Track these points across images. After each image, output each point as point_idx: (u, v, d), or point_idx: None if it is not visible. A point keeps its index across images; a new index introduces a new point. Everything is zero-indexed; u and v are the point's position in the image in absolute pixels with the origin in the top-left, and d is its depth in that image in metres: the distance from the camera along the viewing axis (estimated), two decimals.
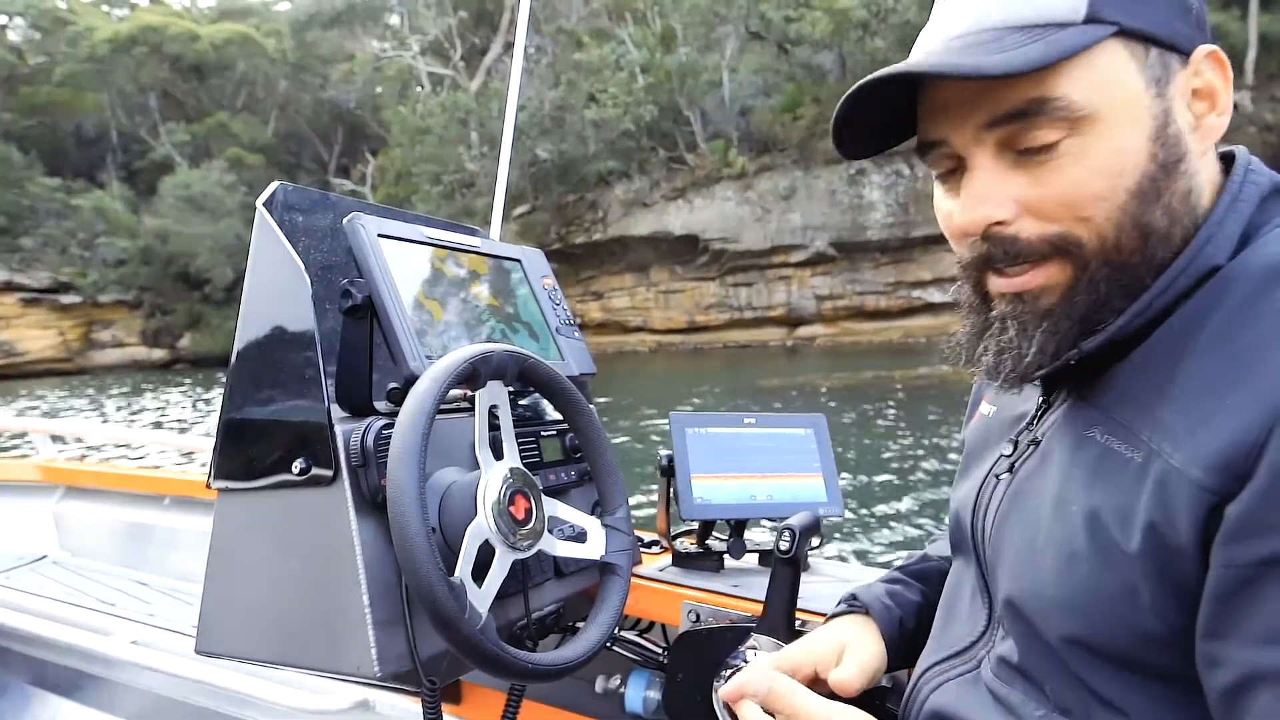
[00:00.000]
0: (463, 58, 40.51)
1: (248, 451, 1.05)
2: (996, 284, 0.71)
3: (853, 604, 1.01)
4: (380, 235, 1.09)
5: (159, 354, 40.12)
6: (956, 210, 0.70)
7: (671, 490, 1.42)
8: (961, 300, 0.76)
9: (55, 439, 3.08)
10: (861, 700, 1.06)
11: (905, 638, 0.99)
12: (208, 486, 1.09)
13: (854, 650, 0.94)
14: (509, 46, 39.16)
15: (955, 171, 0.72)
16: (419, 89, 41.43)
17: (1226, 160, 0.72)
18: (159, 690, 1.89)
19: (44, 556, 2.69)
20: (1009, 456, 0.81)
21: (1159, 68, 0.65)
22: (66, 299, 39.06)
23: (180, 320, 40.60)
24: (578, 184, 34.46)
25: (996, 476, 0.82)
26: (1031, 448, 0.78)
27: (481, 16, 41.08)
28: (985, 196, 0.67)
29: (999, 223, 0.68)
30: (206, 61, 46.07)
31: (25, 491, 2.84)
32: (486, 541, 0.95)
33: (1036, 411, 0.81)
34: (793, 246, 31.53)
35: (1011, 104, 0.65)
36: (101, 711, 2.00)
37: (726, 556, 1.44)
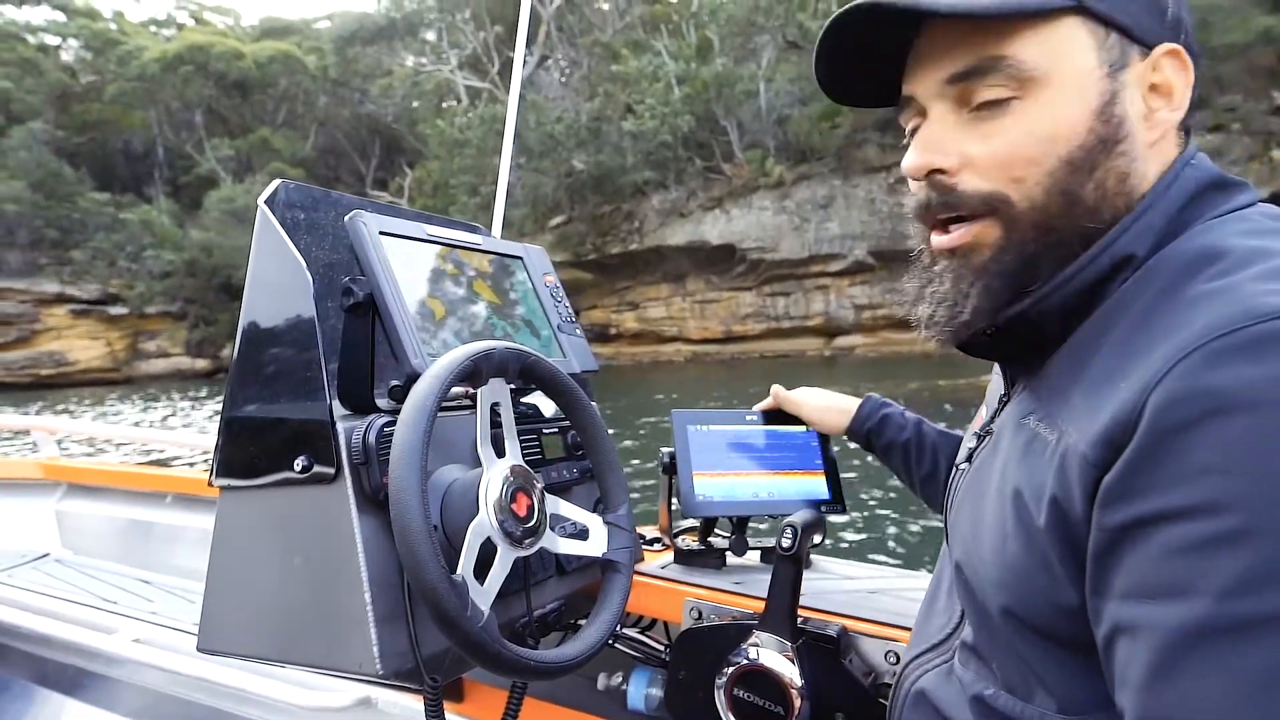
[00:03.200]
0: (499, 71, 40.91)
1: (249, 449, 1.05)
2: (937, 241, 0.76)
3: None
4: (382, 233, 1.09)
5: (202, 364, 40.88)
6: (906, 155, 0.75)
7: (673, 487, 1.42)
8: (914, 259, 0.82)
9: (56, 436, 3.09)
10: (858, 694, 1.07)
11: (872, 427, 1.34)
12: (210, 484, 1.09)
13: None
14: (544, 59, 39.55)
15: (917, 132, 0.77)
16: (456, 102, 41.90)
17: None
18: (161, 688, 1.89)
19: (46, 554, 2.69)
20: (972, 448, 0.85)
21: (1116, 52, 0.69)
22: (114, 310, 40.03)
23: (223, 331, 41.29)
24: (614, 194, 34.53)
25: (958, 467, 0.88)
26: (988, 438, 0.82)
27: (516, 30, 41.45)
28: (933, 143, 0.73)
29: (941, 170, 0.73)
30: (250, 79, 47.14)
31: (27, 489, 2.86)
32: (488, 539, 0.95)
33: (999, 405, 0.84)
34: (831, 256, 31.26)
35: (969, 60, 0.70)
36: (103, 709, 1.99)
37: (728, 554, 1.43)
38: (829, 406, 1.42)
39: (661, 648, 1.35)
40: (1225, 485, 0.52)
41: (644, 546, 1.52)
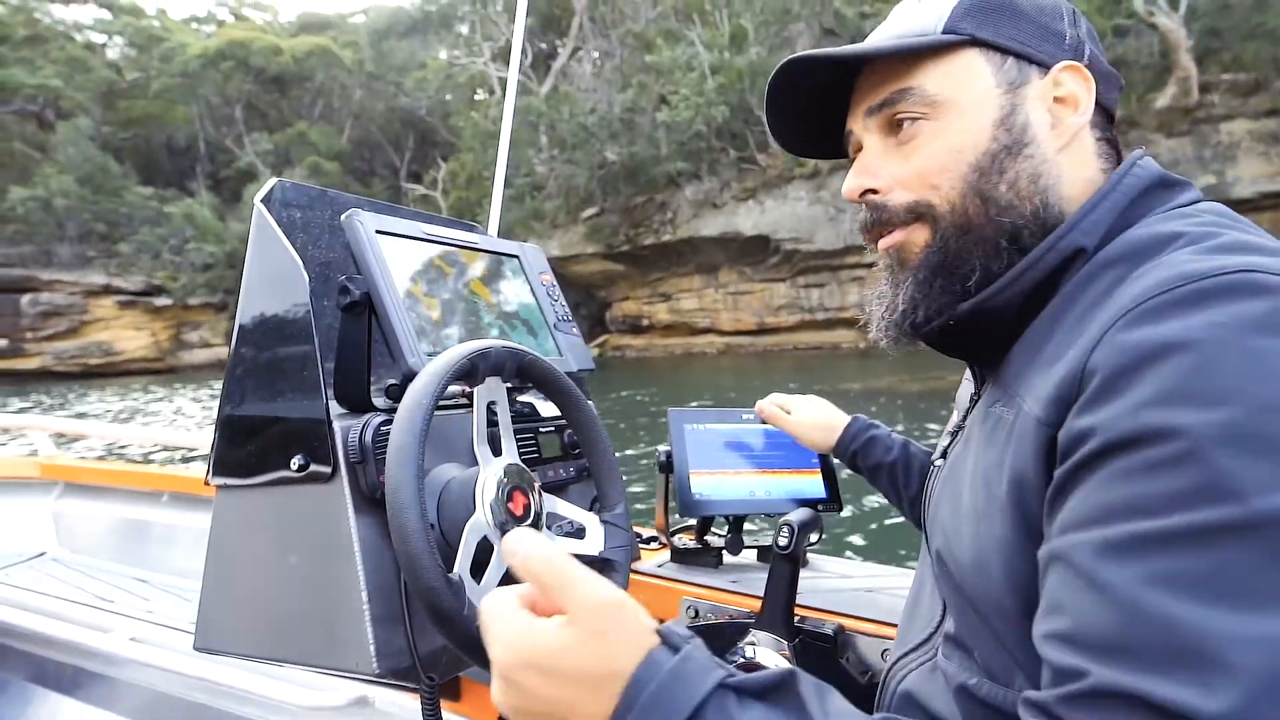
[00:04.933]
0: (532, 63, 41.00)
1: (246, 448, 1.05)
2: (881, 243, 0.84)
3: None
4: (378, 232, 1.09)
5: None
6: (845, 181, 0.86)
7: (670, 486, 1.41)
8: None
9: (54, 436, 3.08)
10: (854, 692, 1.07)
11: (858, 448, 1.32)
12: (206, 483, 1.09)
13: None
14: (576, 50, 39.54)
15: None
16: (489, 94, 42.07)
17: None
18: (158, 687, 1.89)
19: (43, 553, 2.70)
20: (945, 445, 0.91)
21: (1014, 73, 0.79)
22: (159, 301, 40.98)
23: None
24: (647, 185, 34.43)
25: (934, 464, 0.93)
26: (960, 433, 0.88)
27: (549, 22, 41.57)
28: (865, 169, 0.84)
29: (874, 190, 0.83)
30: (288, 73, 47.90)
31: (24, 489, 2.86)
32: (485, 538, 0.95)
33: (970, 404, 0.89)
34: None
35: (882, 95, 0.82)
36: (100, 708, 1.99)
37: (725, 553, 1.43)
38: (815, 424, 1.39)
39: None
40: (1158, 416, 0.54)
41: (641, 545, 1.52)
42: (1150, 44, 25.75)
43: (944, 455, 0.90)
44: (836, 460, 1.41)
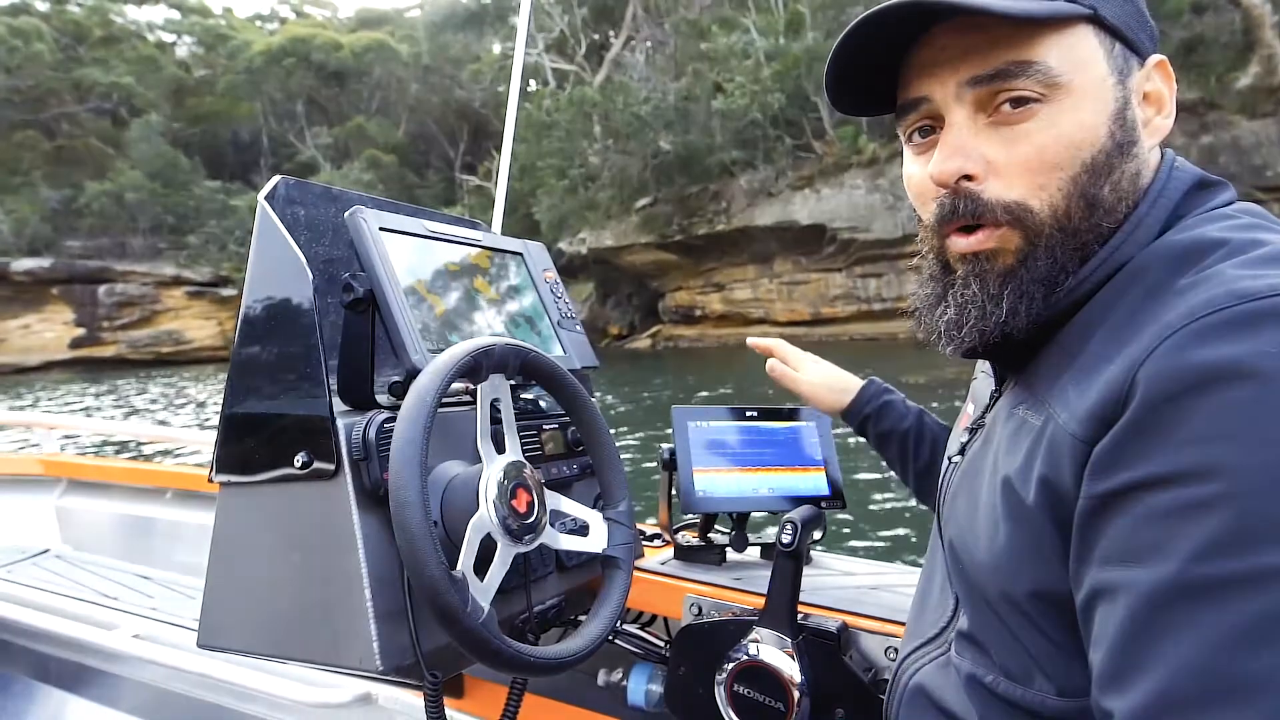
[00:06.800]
0: (585, 54, 41.07)
1: (250, 445, 1.05)
2: (958, 244, 0.74)
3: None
4: (382, 229, 1.09)
5: None
6: (933, 162, 0.73)
7: (673, 484, 1.41)
8: (923, 270, 0.81)
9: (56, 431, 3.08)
10: (858, 689, 1.08)
11: (871, 412, 1.31)
12: (210, 480, 1.09)
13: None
14: (629, 40, 39.47)
15: (926, 135, 0.76)
16: (543, 85, 42.29)
17: None
18: (161, 684, 1.90)
19: (46, 550, 2.69)
20: (964, 442, 0.87)
21: (1121, 61, 0.72)
22: (225, 292, 42.28)
23: None
24: (701, 175, 34.25)
25: (951, 461, 0.90)
26: (979, 431, 0.84)
27: (602, 12, 41.61)
28: (961, 149, 0.71)
29: (969, 177, 0.71)
30: (347, 68, 48.99)
31: (28, 485, 2.87)
32: (488, 535, 0.95)
33: (990, 401, 0.86)
34: None
35: (995, 64, 0.69)
36: (104, 705, 2.00)
37: (728, 550, 1.42)
38: (826, 384, 1.37)
39: (662, 644, 1.34)
40: (1210, 453, 0.53)
41: (644, 542, 1.51)
42: (1231, 21, 24.70)
43: (961, 452, 0.87)
44: (843, 422, 1.38)
